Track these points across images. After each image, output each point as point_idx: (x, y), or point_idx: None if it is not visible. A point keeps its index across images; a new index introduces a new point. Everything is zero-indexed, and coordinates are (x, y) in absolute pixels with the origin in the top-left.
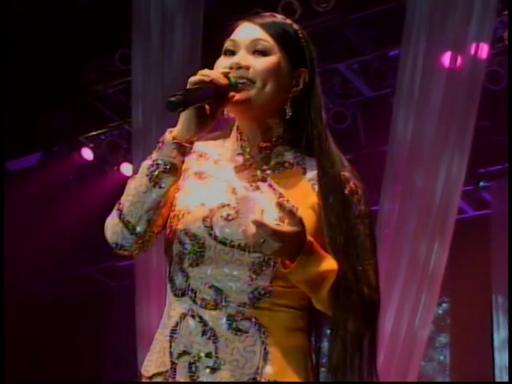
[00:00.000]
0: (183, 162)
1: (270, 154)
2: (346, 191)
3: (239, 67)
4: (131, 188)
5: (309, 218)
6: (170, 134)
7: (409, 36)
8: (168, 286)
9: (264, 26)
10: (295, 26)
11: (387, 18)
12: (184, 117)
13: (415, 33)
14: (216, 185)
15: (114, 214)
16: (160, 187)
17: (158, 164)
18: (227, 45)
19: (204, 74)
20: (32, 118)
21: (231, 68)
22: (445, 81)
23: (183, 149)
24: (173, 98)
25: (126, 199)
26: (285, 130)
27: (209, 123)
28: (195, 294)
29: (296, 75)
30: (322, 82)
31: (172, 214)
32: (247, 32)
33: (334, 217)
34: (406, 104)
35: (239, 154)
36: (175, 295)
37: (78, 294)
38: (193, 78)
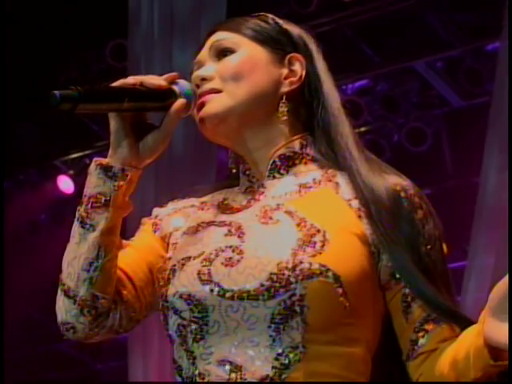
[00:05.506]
0: (121, 188)
1: (286, 176)
2: (404, 205)
3: (202, 79)
4: (67, 246)
5: (347, 242)
6: (94, 162)
7: None
8: (178, 379)
9: (222, 27)
10: (271, 16)
11: None
12: (112, 134)
13: None
14: (216, 230)
15: (59, 286)
16: (93, 230)
17: (86, 200)
18: (192, 69)
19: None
20: None
21: (197, 85)
22: None
23: (110, 171)
24: (57, 91)
25: (64, 261)
26: (302, 145)
27: (159, 141)
28: (203, 378)
29: (287, 62)
30: (393, 86)
31: (162, 283)
32: (206, 44)
33: (398, 243)
34: (508, 117)
35: (247, 188)
36: None
37: (53, 379)
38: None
